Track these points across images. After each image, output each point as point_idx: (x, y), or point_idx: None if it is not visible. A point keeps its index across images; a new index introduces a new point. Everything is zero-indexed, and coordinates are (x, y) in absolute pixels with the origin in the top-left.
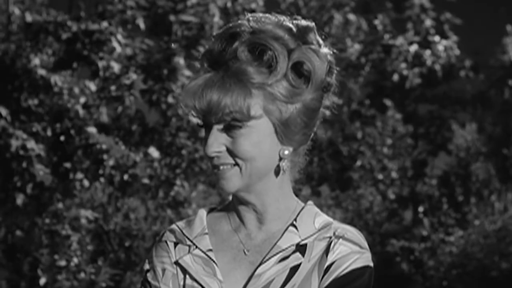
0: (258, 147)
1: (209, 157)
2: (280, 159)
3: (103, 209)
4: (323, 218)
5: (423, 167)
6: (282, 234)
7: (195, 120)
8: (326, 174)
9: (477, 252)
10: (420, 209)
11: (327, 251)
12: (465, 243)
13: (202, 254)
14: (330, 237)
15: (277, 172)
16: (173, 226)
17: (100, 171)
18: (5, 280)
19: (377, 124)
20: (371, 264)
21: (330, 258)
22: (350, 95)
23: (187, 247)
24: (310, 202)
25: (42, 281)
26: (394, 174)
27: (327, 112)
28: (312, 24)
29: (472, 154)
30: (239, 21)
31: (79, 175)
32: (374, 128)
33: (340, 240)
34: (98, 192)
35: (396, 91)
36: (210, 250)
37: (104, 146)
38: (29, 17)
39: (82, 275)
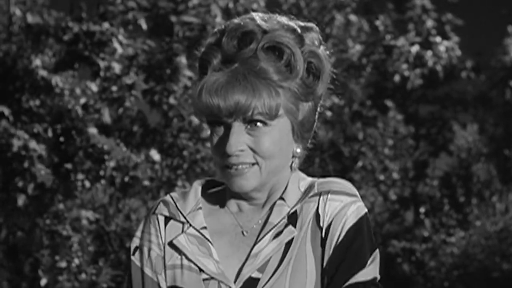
0: (279, 145)
1: (228, 155)
2: (293, 157)
3: (104, 210)
4: (307, 180)
5: (424, 168)
6: (272, 209)
7: (199, 118)
8: (327, 175)
9: (479, 253)
10: (422, 210)
11: (317, 213)
12: (467, 244)
13: (197, 233)
14: (318, 195)
15: (288, 170)
16: (167, 198)
17: (101, 172)
18: (6, 281)
19: (378, 125)
20: (364, 211)
21: (325, 220)
22: (352, 96)
23: (180, 225)
24: (295, 170)
25: (43, 282)
26: (395, 175)
27: (329, 113)
28: (312, 24)
29: (473, 155)
30: (246, 20)
31: (80, 176)
32: (375, 129)
33: (329, 195)
34: (99, 193)
35: (398, 92)
36: (204, 228)
37: (105, 147)
38: (30, 18)
39: (83, 276)
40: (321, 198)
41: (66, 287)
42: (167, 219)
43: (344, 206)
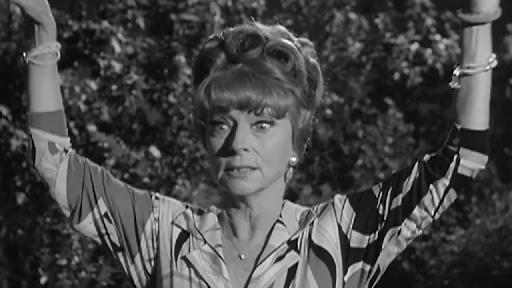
0: (280, 151)
1: (233, 153)
2: (288, 166)
3: None
4: (301, 209)
5: None
6: (271, 232)
7: (198, 123)
8: (327, 173)
9: (478, 251)
10: None
11: (309, 236)
12: (466, 242)
13: (211, 251)
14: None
15: (282, 179)
16: (189, 212)
17: None
18: (6, 279)
19: (378, 123)
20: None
21: (317, 227)
22: (351, 94)
23: (195, 240)
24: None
25: (43, 280)
26: None
27: (328, 111)
28: (307, 40)
29: None
30: (247, 26)
31: None
32: (375, 127)
33: (319, 217)
34: None
35: (397, 90)
36: (219, 245)
37: (105, 145)
38: None
39: (83, 274)
40: (315, 221)
41: (66, 285)
42: (181, 231)
43: (330, 202)
